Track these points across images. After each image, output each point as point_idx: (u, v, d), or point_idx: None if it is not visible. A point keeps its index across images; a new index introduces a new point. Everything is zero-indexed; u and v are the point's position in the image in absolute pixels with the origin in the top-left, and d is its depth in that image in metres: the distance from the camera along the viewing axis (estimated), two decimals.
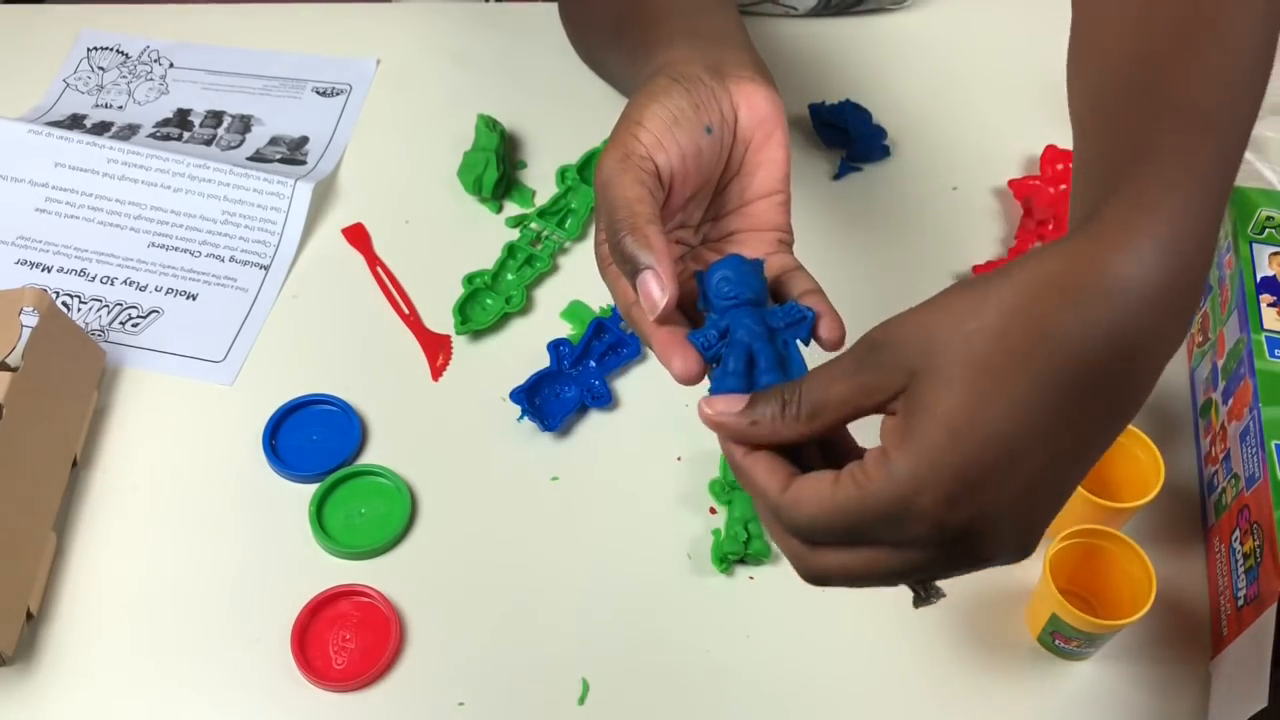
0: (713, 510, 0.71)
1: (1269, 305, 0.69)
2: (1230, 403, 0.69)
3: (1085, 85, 0.54)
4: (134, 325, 0.79)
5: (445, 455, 0.74)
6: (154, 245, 0.83)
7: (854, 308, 0.80)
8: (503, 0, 1.01)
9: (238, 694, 0.65)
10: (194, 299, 0.81)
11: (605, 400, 0.75)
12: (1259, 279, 0.70)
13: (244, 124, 0.92)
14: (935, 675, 0.65)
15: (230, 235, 0.84)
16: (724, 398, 0.47)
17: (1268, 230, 0.72)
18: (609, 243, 0.50)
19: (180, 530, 0.70)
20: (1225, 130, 0.45)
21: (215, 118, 0.92)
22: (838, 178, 0.88)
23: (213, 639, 0.66)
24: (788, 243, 0.55)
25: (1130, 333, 0.40)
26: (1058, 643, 0.65)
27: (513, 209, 0.86)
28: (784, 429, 0.46)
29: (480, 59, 0.96)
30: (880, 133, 0.89)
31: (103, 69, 0.95)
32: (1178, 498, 0.71)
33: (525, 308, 0.80)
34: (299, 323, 0.80)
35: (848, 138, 0.88)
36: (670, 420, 0.74)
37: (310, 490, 0.71)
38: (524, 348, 0.78)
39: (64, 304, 0.80)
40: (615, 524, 0.71)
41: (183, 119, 0.92)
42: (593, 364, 0.76)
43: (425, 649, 0.66)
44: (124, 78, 0.95)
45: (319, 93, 0.94)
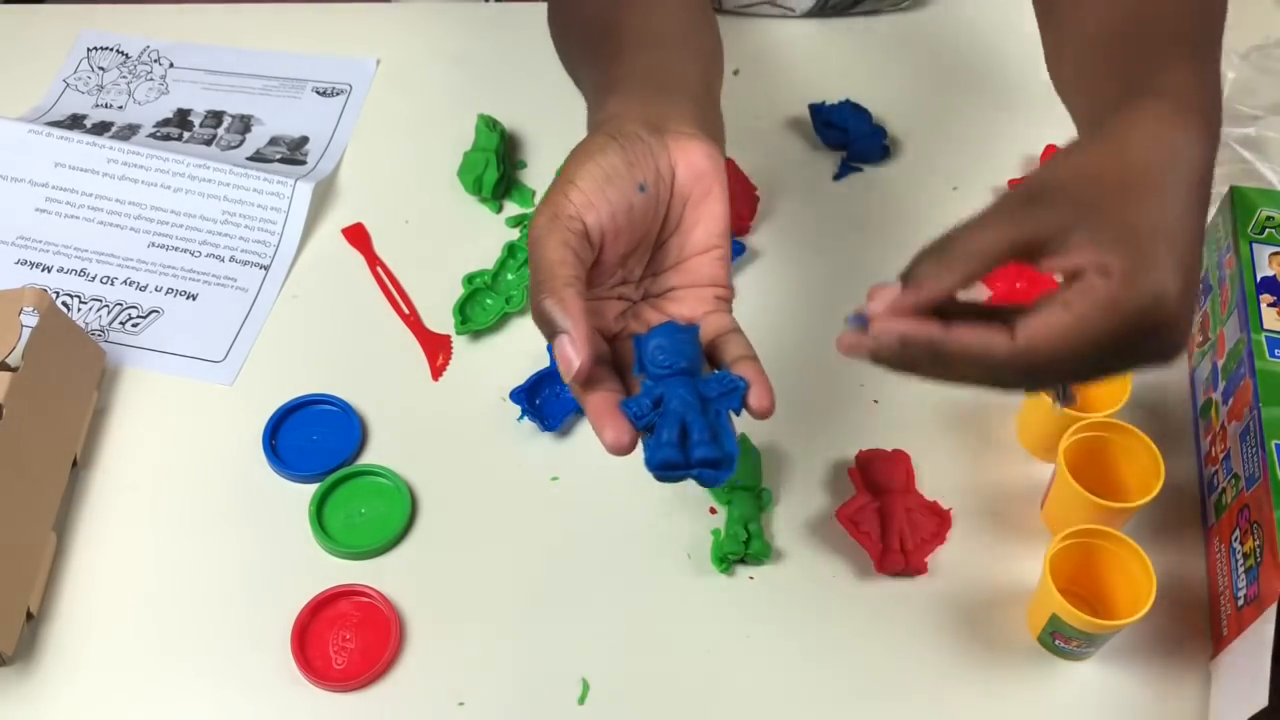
0: (713, 510, 0.71)
1: (1269, 305, 0.69)
2: (1230, 403, 0.69)
3: (1075, 57, 0.60)
4: (134, 325, 0.79)
5: (445, 455, 0.74)
6: (154, 245, 0.83)
7: (853, 308, 0.80)
8: (503, 0, 1.01)
9: (238, 694, 0.65)
10: (194, 299, 0.81)
11: None
12: (1259, 279, 0.70)
13: (244, 124, 0.92)
14: (936, 675, 0.65)
15: (230, 235, 0.84)
16: (882, 292, 0.49)
17: (1268, 230, 0.72)
18: (531, 303, 0.52)
19: (180, 530, 0.70)
20: (1212, 53, 0.56)
21: (215, 118, 0.92)
22: (838, 178, 0.88)
23: (213, 639, 0.66)
24: (726, 299, 0.56)
25: (1210, 158, 0.50)
26: (1058, 643, 0.65)
27: (513, 209, 0.86)
28: (941, 279, 0.48)
29: (480, 59, 0.96)
30: (880, 133, 0.89)
31: (103, 69, 0.95)
32: (1178, 498, 0.71)
33: (525, 308, 0.80)
34: (299, 323, 0.80)
35: (848, 138, 0.88)
36: None
37: (310, 490, 0.71)
38: (524, 348, 0.78)
39: (64, 304, 0.80)
40: (615, 524, 0.71)
41: (183, 119, 0.92)
42: None
43: (425, 649, 0.66)
44: (124, 78, 0.95)
45: (319, 93, 0.94)
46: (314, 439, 0.74)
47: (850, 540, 0.70)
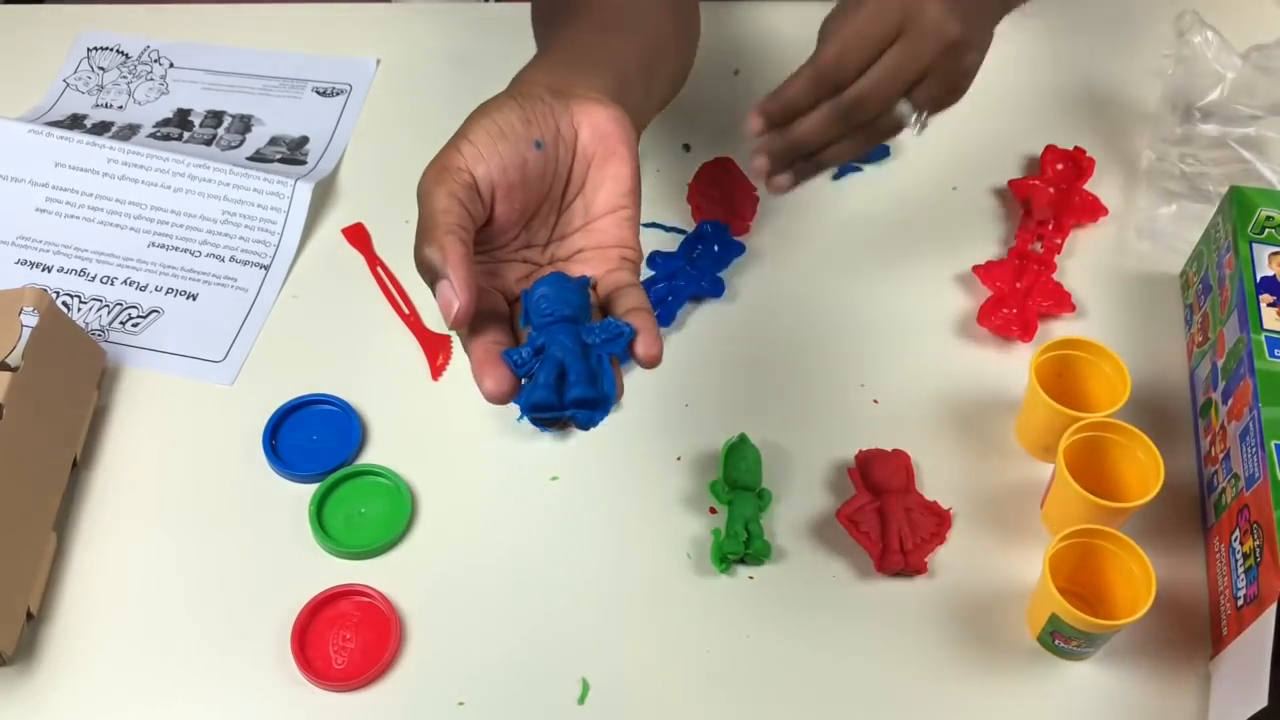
0: (713, 510, 0.71)
1: (1269, 305, 0.69)
2: (1230, 403, 0.69)
3: None
4: (134, 325, 0.79)
5: (445, 455, 0.74)
6: (154, 245, 0.83)
7: (854, 307, 0.81)
8: (502, 0, 1.01)
9: (238, 694, 0.65)
10: (194, 299, 0.81)
11: None
12: (1259, 279, 0.70)
13: (244, 124, 0.92)
14: (935, 675, 0.65)
15: (230, 235, 0.84)
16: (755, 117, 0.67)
17: (1268, 230, 0.72)
18: (414, 253, 0.52)
19: (180, 530, 0.70)
20: None
21: (215, 118, 0.92)
22: (838, 178, 0.88)
23: (213, 639, 0.66)
24: (631, 259, 0.56)
25: None
26: (1058, 643, 0.65)
27: None
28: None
29: (480, 59, 0.96)
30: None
31: (103, 69, 0.95)
32: (1177, 498, 0.71)
33: None
34: (299, 323, 0.80)
35: None
36: (670, 420, 0.74)
37: (310, 490, 0.71)
38: None
39: (64, 304, 0.80)
40: (615, 524, 0.71)
41: (183, 119, 0.92)
42: None
43: (425, 649, 0.66)
44: (124, 78, 0.95)
45: (319, 93, 0.94)
46: (314, 439, 0.74)
47: (850, 540, 0.70)
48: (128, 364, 0.77)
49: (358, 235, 0.85)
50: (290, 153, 0.89)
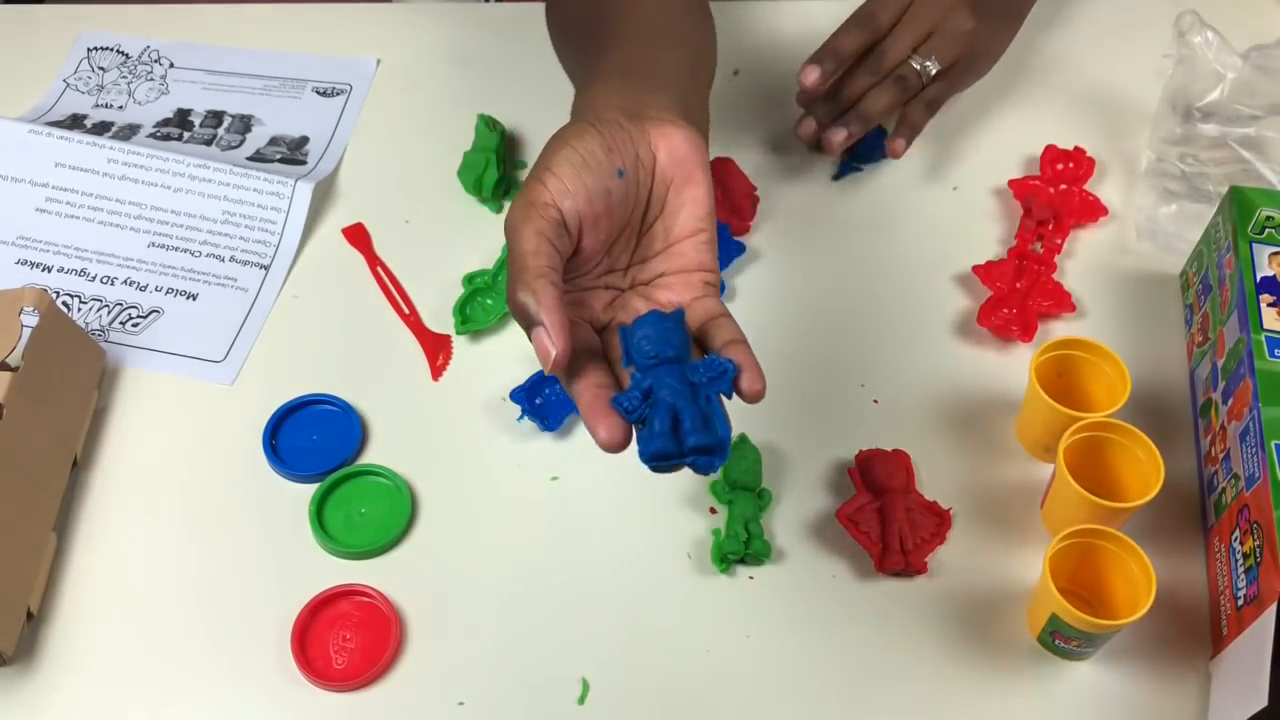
0: (713, 510, 0.71)
1: (1269, 305, 0.69)
2: (1230, 403, 0.69)
3: None
4: (134, 325, 0.79)
5: (445, 455, 0.74)
6: (154, 245, 0.83)
7: (855, 308, 0.81)
8: (503, 0, 1.01)
9: (238, 694, 0.65)
10: (194, 299, 0.81)
11: None
12: (1259, 279, 0.70)
13: (244, 124, 0.92)
14: (935, 675, 0.65)
15: (230, 235, 0.84)
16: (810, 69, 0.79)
17: (1268, 230, 0.72)
18: (507, 296, 0.51)
19: (180, 530, 0.70)
20: None
21: (215, 118, 0.92)
22: (838, 178, 0.88)
23: (213, 639, 0.66)
24: (713, 284, 0.56)
25: None
26: (1058, 643, 0.65)
27: None
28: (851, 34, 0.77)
29: (480, 59, 0.96)
30: (880, 133, 0.89)
31: (103, 69, 0.95)
32: (1177, 498, 0.71)
33: None
34: (299, 323, 0.80)
35: None
36: None
37: (310, 490, 0.71)
38: (524, 348, 0.77)
39: (64, 304, 0.80)
40: (615, 524, 0.71)
41: (183, 119, 0.92)
42: None
43: (425, 649, 0.66)
44: (124, 78, 0.95)
45: (319, 93, 0.94)
46: (314, 439, 0.74)
47: (850, 540, 0.70)
48: (128, 364, 0.77)
49: (358, 235, 0.85)
50: (290, 153, 0.89)
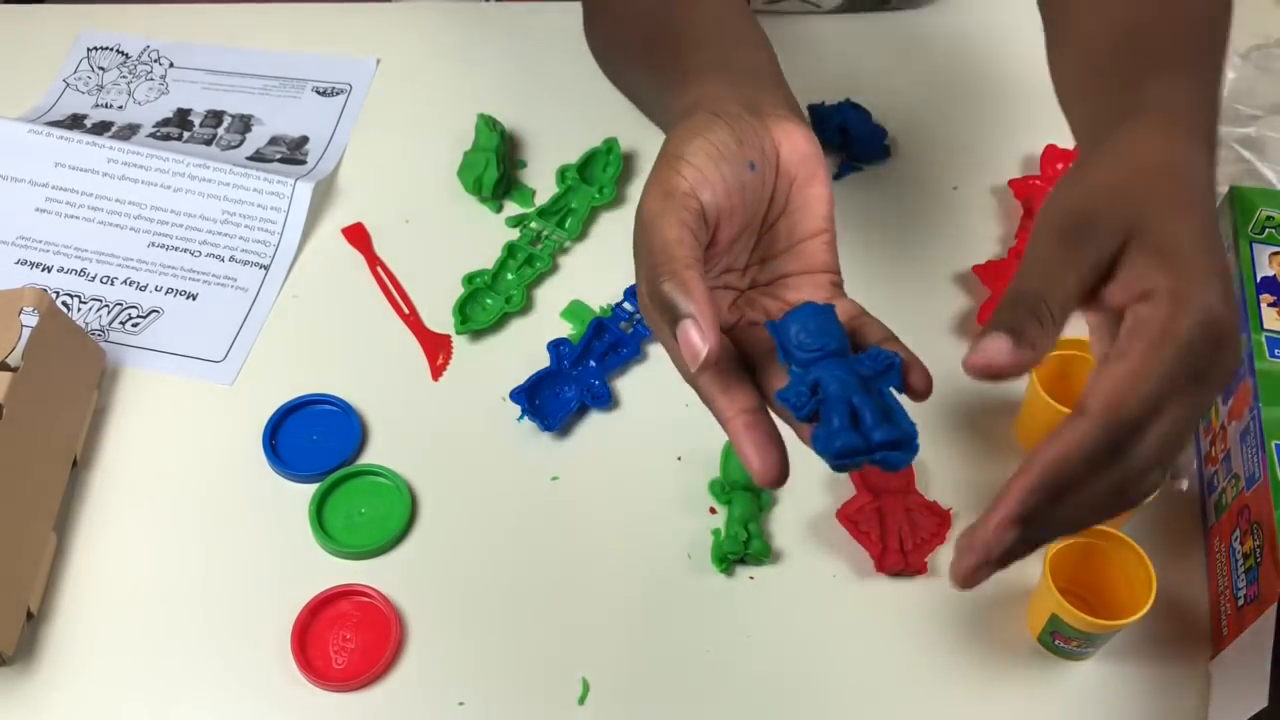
0: (713, 510, 0.71)
1: (1269, 305, 0.69)
2: (1230, 403, 0.69)
3: (1074, 68, 0.60)
4: (134, 325, 0.79)
5: (445, 455, 0.74)
6: (154, 245, 0.83)
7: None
8: (503, 0, 1.01)
9: (238, 694, 0.65)
10: (194, 299, 0.81)
11: (605, 400, 0.75)
12: (1259, 279, 0.70)
13: (244, 124, 0.92)
14: (935, 675, 0.65)
15: (230, 235, 0.84)
16: (990, 345, 0.44)
17: (1268, 230, 0.72)
18: (647, 289, 0.48)
19: (180, 530, 0.70)
20: (1207, 67, 0.56)
21: (215, 118, 0.92)
22: (838, 178, 0.88)
23: (213, 639, 0.66)
24: (840, 286, 0.54)
25: (1210, 168, 0.51)
26: (1058, 643, 0.65)
27: (513, 209, 0.86)
28: (1048, 339, 0.45)
29: (480, 59, 0.96)
30: (880, 133, 0.89)
31: (103, 69, 0.95)
32: (1178, 497, 0.71)
33: (525, 308, 0.80)
34: (299, 323, 0.80)
35: (848, 137, 0.88)
36: (670, 420, 0.74)
37: (310, 490, 0.71)
38: (524, 348, 0.78)
39: (64, 304, 0.80)
40: (615, 524, 0.71)
41: (183, 119, 0.92)
42: (593, 364, 0.76)
43: (425, 649, 0.66)
44: (124, 78, 0.95)
45: (319, 93, 0.94)
46: (314, 439, 0.74)
47: (850, 540, 0.70)
48: (128, 364, 0.77)
49: (358, 235, 0.85)
50: (290, 153, 0.89)
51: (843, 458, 0.46)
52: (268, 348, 0.79)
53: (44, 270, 0.82)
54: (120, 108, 0.92)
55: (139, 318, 0.79)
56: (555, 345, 0.77)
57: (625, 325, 0.78)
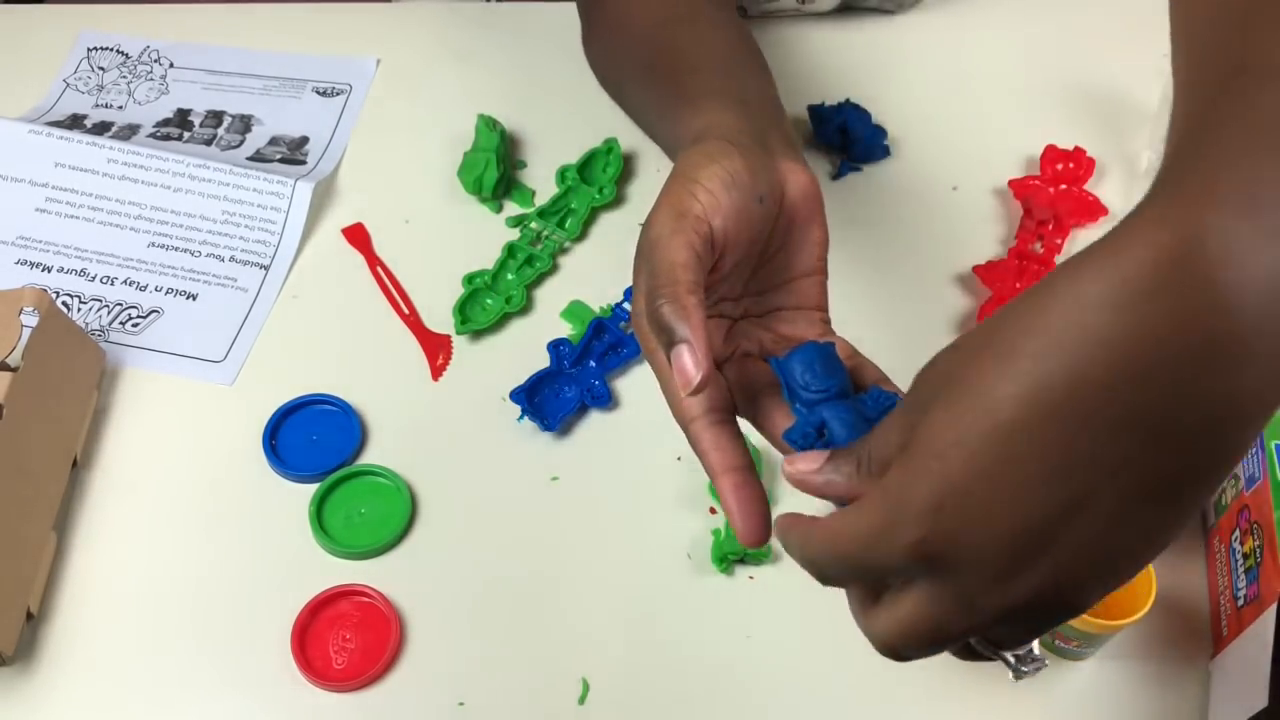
0: (713, 510, 0.71)
1: None
2: None
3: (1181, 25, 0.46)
4: (134, 325, 0.79)
5: (445, 455, 0.74)
6: (154, 245, 0.83)
7: (855, 308, 0.80)
8: (503, 0, 1.01)
9: (238, 694, 0.65)
10: (194, 299, 0.81)
11: (605, 400, 0.75)
12: None
13: (244, 124, 0.92)
14: (935, 675, 0.65)
15: (230, 235, 0.84)
16: (804, 457, 0.46)
17: None
18: (645, 307, 0.48)
19: (180, 530, 0.70)
20: None
21: (215, 118, 0.92)
22: (838, 178, 0.88)
23: (213, 639, 0.66)
24: (829, 324, 0.54)
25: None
26: (1058, 643, 0.65)
27: (513, 209, 0.86)
28: (858, 486, 0.44)
29: (480, 59, 0.96)
30: (880, 133, 0.89)
31: (103, 69, 0.95)
32: None
33: (525, 308, 0.80)
34: (299, 323, 0.80)
35: (848, 138, 0.88)
36: (670, 420, 0.73)
37: (310, 490, 0.71)
38: (524, 348, 0.78)
39: (64, 304, 0.80)
40: (615, 524, 0.71)
41: (183, 119, 0.92)
42: (593, 364, 0.76)
43: (425, 649, 0.66)
44: (124, 78, 0.95)
45: (319, 93, 0.94)
46: (314, 439, 0.74)
47: None
48: (128, 364, 0.77)
49: (358, 235, 0.85)
50: (290, 153, 0.89)
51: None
52: (268, 348, 0.79)
53: (44, 270, 0.82)
54: (120, 108, 0.92)
55: (139, 318, 0.79)
56: (555, 345, 0.77)
57: (625, 325, 0.78)
